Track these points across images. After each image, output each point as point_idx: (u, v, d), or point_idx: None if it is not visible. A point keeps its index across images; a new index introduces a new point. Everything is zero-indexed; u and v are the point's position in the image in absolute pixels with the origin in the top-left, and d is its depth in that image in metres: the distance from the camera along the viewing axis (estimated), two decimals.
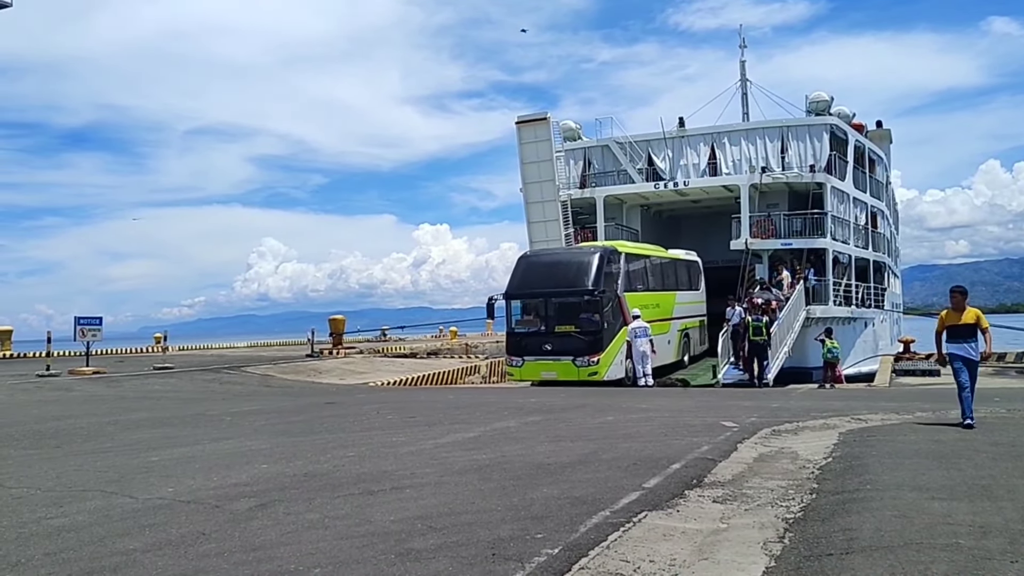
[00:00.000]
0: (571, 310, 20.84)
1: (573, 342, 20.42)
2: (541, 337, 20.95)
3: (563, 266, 21.75)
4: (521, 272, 22.19)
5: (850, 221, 31.70)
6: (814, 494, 6.48)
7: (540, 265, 22.27)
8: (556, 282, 21.18)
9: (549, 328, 20.94)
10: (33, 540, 5.28)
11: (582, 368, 20.18)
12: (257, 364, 25.20)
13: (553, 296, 21.20)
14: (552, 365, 20.62)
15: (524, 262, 22.56)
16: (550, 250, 23.78)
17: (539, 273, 21.77)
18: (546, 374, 20.76)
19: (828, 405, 13.85)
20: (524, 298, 21.84)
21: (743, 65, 37.12)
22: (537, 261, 22.69)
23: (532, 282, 21.62)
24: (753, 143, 31.64)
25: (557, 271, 21.56)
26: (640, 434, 10.20)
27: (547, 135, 30.47)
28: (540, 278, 21.54)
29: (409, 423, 11.89)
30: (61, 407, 14.85)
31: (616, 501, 6.13)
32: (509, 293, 21.87)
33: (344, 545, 5.04)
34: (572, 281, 20.91)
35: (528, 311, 21.80)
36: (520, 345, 21.46)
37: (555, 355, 20.56)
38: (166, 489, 6.90)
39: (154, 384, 19.89)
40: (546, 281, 21.34)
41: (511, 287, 21.97)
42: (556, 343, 20.61)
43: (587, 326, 20.47)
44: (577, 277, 20.86)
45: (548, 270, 21.77)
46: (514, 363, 21.49)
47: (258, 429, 11.46)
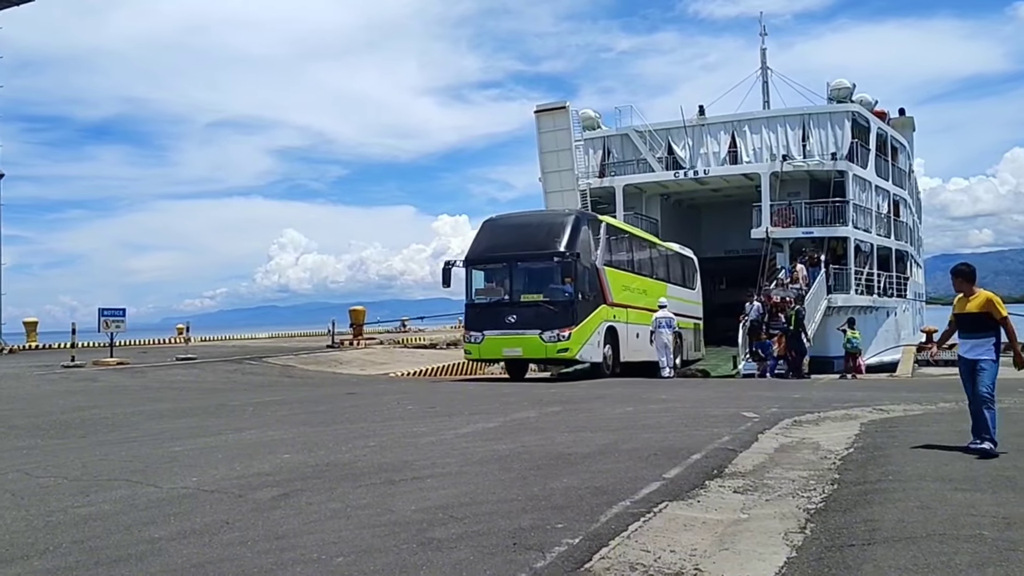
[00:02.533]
0: (540, 277, 18.73)
1: (541, 313, 18.15)
2: (504, 308, 18.61)
3: (532, 228, 19.49)
4: (485, 236, 19.90)
5: (872, 209, 31.46)
6: (836, 485, 6.46)
7: (506, 228, 20.02)
8: (523, 245, 18.91)
9: (514, 298, 18.66)
10: (61, 528, 5.36)
11: (550, 344, 17.92)
12: (278, 355, 25.37)
13: (519, 260, 18.80)
14: (516, 340, 18.34)
15: (489, 225, 20.28)
16: (519, 213, 21.49)
17: (505, 237, 19.51)
18: (509, 351, 18.63)
19: (850, 396, 13.78)
20: (487, 263, 19.47)
21: (763, 53, 36.89)
22: (503, 224, 20.41)
23: (496, 246, 19.28)
24: (774, 131, 31.43)
25: (525, 234, 19.30)
26: (660, 424, 10.19)
27: (566, 124, 30.41)
28: (506, 242, 19.22)
29: (429, 413, 11.94)
30: (86, 397, 15.04)
31: (636, 491, 6.14)
32: (470, 259, 19.55)
33: (366, 534, 5.08)
34: (542, 244, 18.67)
35: (491, 279, 19.54)
36: (480, 318, 19.09)
37: (520, 328, 18.24)
38: (190, 478, 6.98)
39: (177, 375, 20.08)
40: (512, 245, 19.05)
41: (472, 252, 19.63)
42: (521, 315, 18.33)
43: (557, 295, 18.24)
44: (548, 240, 18.64)
45: (515, 233, 19.55)
46: (472, 339, 19.04)
47: (280, 419, 11.56)
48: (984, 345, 7.44)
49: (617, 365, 19.87)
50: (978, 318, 7.45)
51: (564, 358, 18.26)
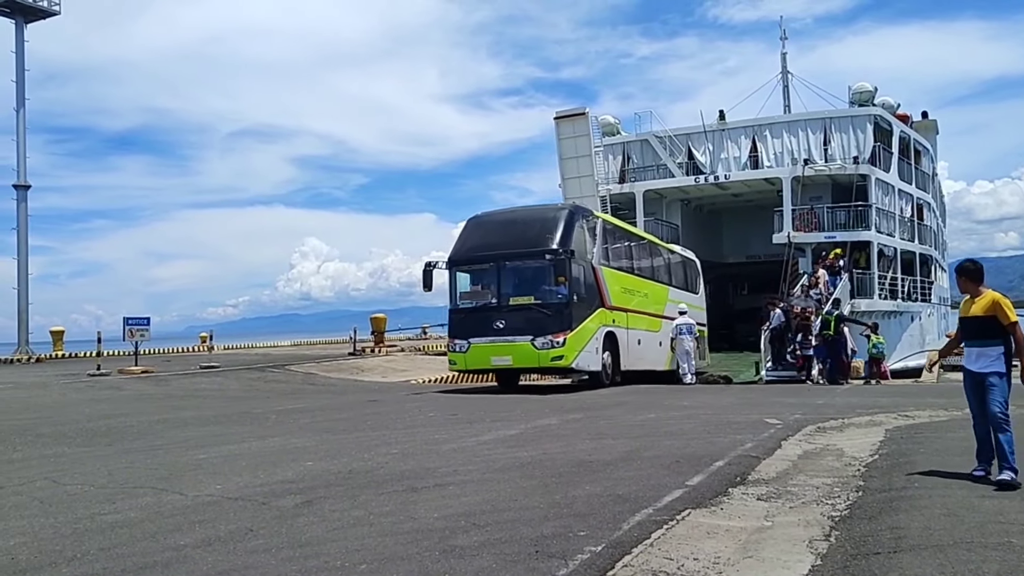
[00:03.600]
0: (530, 277, 17.14)
1: (532, 318, 16.53)
2: (492, 313, 16.95)
3: (522, 225, 17.75)
4: (469, 234, 18.21)
5: (895, 213, 31.23)
6: (860, 492, 6.40)
7: (493, 225, 18.34)
8: (512, 243, 17.22)
9: (502, 301, 16.98)
10: (88, 535, 5.42)
11: (543, 351, 16.31)
12: (300, 363, 25.52)
13: (508, 259, 17.13)
14: (505, 348, 16.65)
15: (474, 222, 18.56)
16: (508, 209, 19.69)
17: (492, 234, 17.83)
18: (497, 360, 16.92)
19: (874, 401, 13.65)
20: (472, 264, 17.80)
21: (784, 57, 36.78)
22: (490, 220, 18.67)
23: (482, 245, 17.62)
24: (795, 135, 31.28)
25: (514, 231, 17.59)
26: (682, 431, 10.15)
27: (586, 130, 30.45)
28: (493, 240, 17.55)
29: (451, 420, 11.96)
30: (112, 405, 15.19)
31: (659, 499, 6.11)
32: (453, 259, 17.84)
33: (389, 542, 5.10)
34: (532, 241, 16.97)
35: (477, 281, 17.89)
36: (465, 324, 17.38)
37: (509, 335, 16.59)
38: (214, 486, 7.03)
39: (201, 383, 20.24)
40: (500, 243, 17.36)
41: (456, 252, 17.96)
42: (511, 320, 16.69)
43: (550, 298, 16.64)
44: (539, 236, 16.95)
45: (503, 230, 17.86)
46: (457, 347, 17.39)
47: (303, 427, 11.62)
48: (990, 355, 6.39)
49: (617, 374, 18.49)
50: (983, 323, 6.41)
51: (559, 367, 16.79)
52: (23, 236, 33.27)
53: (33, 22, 34.12)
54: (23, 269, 33.14)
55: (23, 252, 33.22)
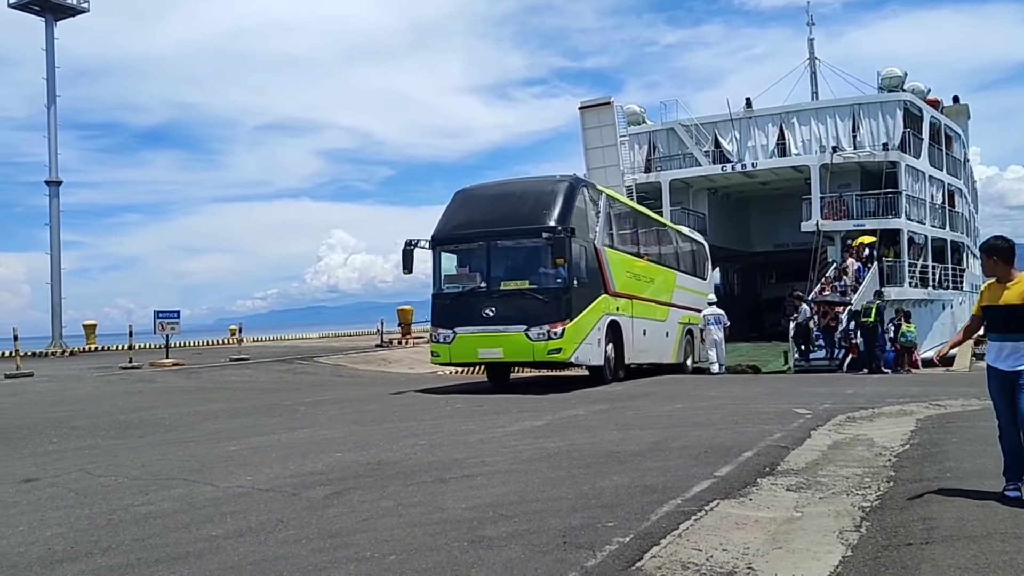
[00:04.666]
0: (525, 258, 15.22)
1: (526, 305, 14.62)
2: (481, 299, 15.02)
3: (515, 199, 15.75)
4: (456, 209, 16.27)
5: (926, 200, 30.83)
6: (891, 482, 6.34)
7: (483, 199, 16.42)
8: (504, 219, 15.30)
9: (493, 286, 15.03)
10: (122, 526, 5.50)
11: (539, 343, 14.40)
12: (328, 354, 25.70)
13: (499, 238, 15.19)
14: (495, 339, 14.73)
15: (461, 196, 16.61)
16: (500, 181, 17.40)
17: (481, 210, 15.94)
18: (486, 353, 14.99)
19: (905, 391, 13.51)
20: (458, 243, 15.79)
21: (811, 43, 36.31)
22: (479, 194, 16.73)
23: (470, 222, 15.71)
24: (823, 122, 30.93)
25: (507, 206, 15.67)
26: (710, 422, 10.11)
27: (611, 120, 30.33)
28: (482, 216, 15.65)
29: (478, 411, 11.99)
30: (144, 398, 15.40)
31: (687, 489, 6.10)
32: (437, 237, 15.82)
33: (418, 532, 5.13)
34: (527, 217, 15.09)
35: (464, 263, 15.85)
36: (450, 311, 15.37)
37: (500, 324, 14.66)
38: (245, 477, 7.11)
39: (231, 375, 20.45)
40: (490, 219, 15.45)
41: (440, 229, 15.94)
42: (502, 307, 14.75)
43: (547, 282, 14.74)
44: (534, 212, 15.08)
45: (494, 205, 15.98)
46: (440, 338, 15.38)
47: (331, 418, 11.71)
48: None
49: (621, 368, 16.83)
50: (1018, 313, 5.26)
51: (556, 360, 14.86)
52: (55, 231, 33.73)
53: (62, 19, 34.50)
54: (56, 264, 33.61)
55: (56, 247, 33.68)
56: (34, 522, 5.68)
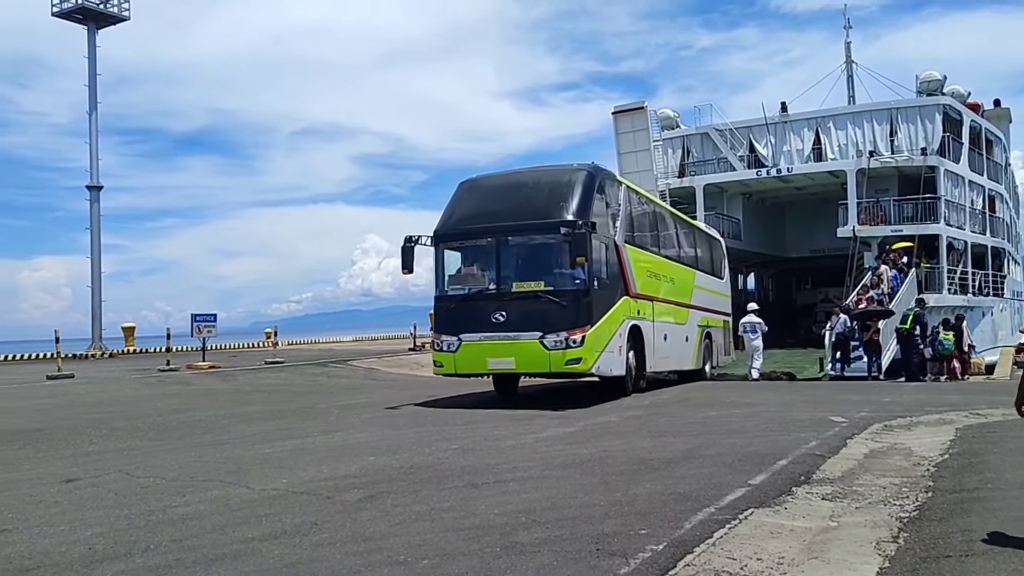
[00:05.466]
0: (540, 257, 13.67)
1: (541, 308, 13.03)
2: (490, 302, 13.40)
3: (529, 189, 14.14)
4: (462, 201, 14.63)
5: (966, 205, 30.30)
6: (930, 492, 6.25)
7: (492, 189, 14.78)
8: (516, 213, 13.73)
9: (503, 287, 13.44)
10: (160, 527, 5.59)
11: (556, 352, 12.85)
12: (362, 358, 25.87)
13: (510, 233, 13.60)
14: (506, 347, 13.11)
15: (467, 187, 14.93)
16: (511, 171, 15.96)
17: (490, 201, 14.34)
18: (496, 363, 13.37)
19: (943, 399, 13.30)
20: (464, 239, 14.19)
21: (848, 47, 35.76)
22: (488, 184, 15.09)
23: (478, 214, 14.13)
24: (860, 127, 30.52)
25: (519, 197, 14.04)
26: (745, 429, 10.02)
27: (644, 124, 30.17)
28: (491, 208, 14.11)
29: (509, 417, 12.00)
30: (181, 400, 15.63)
31: (721, 498, 6.06)
32: (440, 233, 14.23)
33: (451, 537, 5.15)
34: (542, 210, 13.48)
35: (471, 261, 14.26)
36: (455, 316, 13.80)
37: (511, 330, 13.09)
38: (280, 480, 7.19)
39: (266, 378, 20.67)
40: (500, 212, 13.90)
41: (444, 223, 14.36)
42: (514, 311, 13.15)
43: (565, 283, 13.18)
44: (551, 204, 13.49)
45: (504, 196, 14.31)
46: (444, 346, 13.73)
47: (365, 421, 11.80)
48: None
49: (642, 377, 15.49)
50: None
51: (575, 371, 13.25)
52: (96, 235, 34.35)
53: (104, 28, 35.17)
54: (96, 267, 34.23)
55: (96, 251, 34.30)
56: (75, 521, 5.79)
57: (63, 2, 34.07)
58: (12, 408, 14.52)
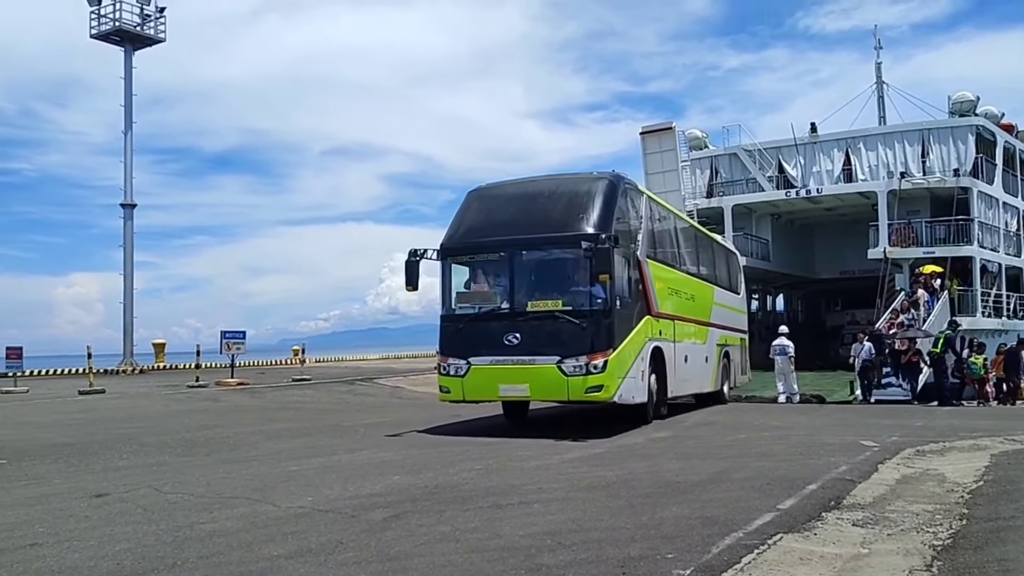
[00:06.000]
0: (558, 273, 12.68)
1: (559, 330, 12.02)
2: (502, 322, 12.39)
3: (545, 199, 13.06)
4: (470, 212, 13.55)
5: (999, 227, 29.89)
6: (964, 520, 6.12)
7: (505, 199, 13.59)
8: (532, 224, 12.71)
9: (517, 306, 12.42)
10: (187, 543, 5.62)
11: (575, 377, 11.80)
12: (388, 376, 25.94)
13: (526, 247, 12.61)
14: (520, 372, 12.08)
15: (477, 196, 13.84)
16: (524, 179, 14.53)
17: (503, 211, 13.24)
18: (509, 389, 12.34)
19: (978, 424, 13.07)
20: (474, 253, 13.15)
21: (879, 67, 35.54)
22: (501, 193, 13.86)
23: (488, 227, 13.07)
24: (891, 147, 30.31)
25: (535, 208, 12.99)
26: (774, 453, 9.91)
27: (672, 145, 30.18)
28: (504, 219, 13.04)
29: (534, 438, 11.94)
30: (209, 417, 15.74)
31: (749, 522, 5.98)
32: (448, 246, 13.15)
33: (475, 558, 5.13)
34: (560, 221, 12.53)
35: (481, 277, 13.24)
36: (463, 337, 12.70)
37: (526, 353, 12.06)
38: (306, 498, 7.21)
39: (293, 395, 20.79)
40: (514, 223, 12.86)
41: (452, 236, 13.25)
42: (529, 333, 12.13)
43: (585, 301, 12.13)
44: (569, 215, 12.55)
45: (519, 206, 13.20)
46: (451, 370, 12.65)
47: (390, 440, 11.80)
48: None
49: (663, 404, 14.35)
50: None
51: (596, 400, 12.10)
52: (129, 252, 34.81)
53: (140, 49, 35.80)
54: (128, 284, 34.66)
55: (128, 268, 34.75)
56: (104, 537, 5.84)
57: (101, 24, 34.75)
58: (44, 422, 14.71)
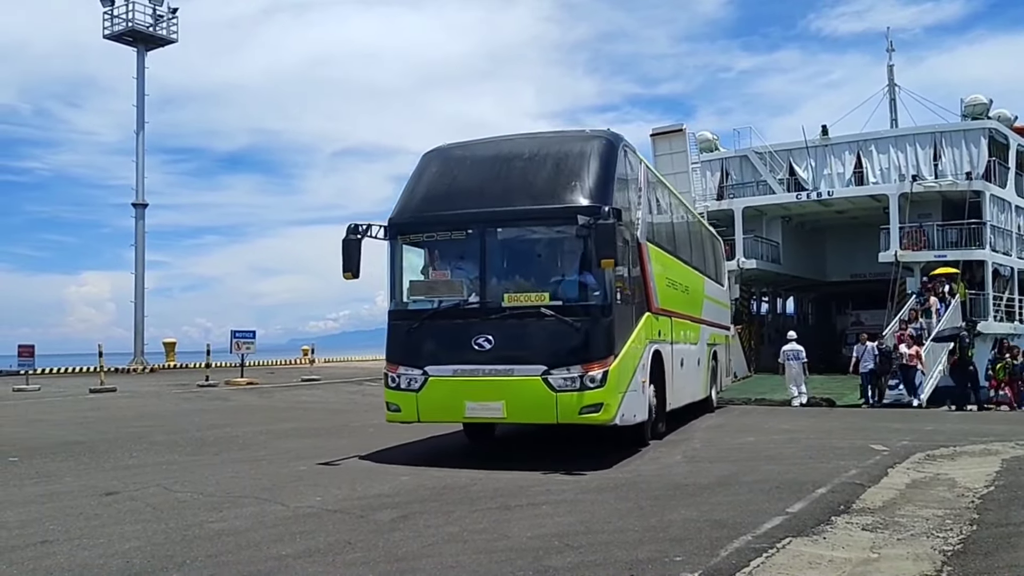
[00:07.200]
0: (543, 257, 9.98)
1: (545, 332, 9.19)
2: (469, 320, 9.48)
3: (525, 163, 10.05)
4: (428, 177, 10.44)
5: (1012, 231, 29.70)
6: (975, 525, 6.08)
7: (473, 163, 10.45)
8: (508, 194, 9.77)
9: (489, 299, 9.46)
10: (196, 542, 5.64)
11: (565, 393, 8.93)
12: None
13: (501, 222, 9.70)
14: (493, 386, 9.19)
15: (437, 158, 10.68)
16: (495, 138, 11.21)
17: (469, 178, 10.20)
18: (477, 408, 9.36)
19: (989, 429, 12.99)
20: (432, 230, 10.05)
21: (891, 69, 35.32)
22: (466, 156, 10.65)
23: (452, 196, 10.04)
24: (903, 150, 30.13)
25: (511, 173, 10.02)
26: (783, 456, 9.88)
27: (683, 147, 30.07)
28: (471, 188, 10.03)
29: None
30: (219, 416, 15.79)
31: (758, 525, 5.96)
32: (398, 220, 10.13)
33: (483, 559, 5.13)
34: (547, 189, 9.67)
35: (441, 262, 10.32)
36: (418, 341, 9.71)
37: (501, 362, 9.18)
38: (314, 498, 7.22)
39: (302, 395, 20.84)
40: (484, 193, 9.88)
41: (403, 208, 10.23)
42: (504, 334, 9.24)
43: (578, 294, 9.42)
44: (558, 182, 9.68)
45: (490, 172, 10.17)
46: (401, 382, 9.71)
47: (398, 440, 11.79)
48: None
49: (662, 419, 11.73)
50: None
51: (593, 422, 9.12)
52: (140, 252, 34.98)
53: (152, 50, 35.99)
54: (140, 283, 34.82)
55: (140, 267, 34.92)
56: (114, 535, 5.87)
57: (114, 25, 34.95)
58: (56, 420, 14.79)
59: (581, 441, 10.76)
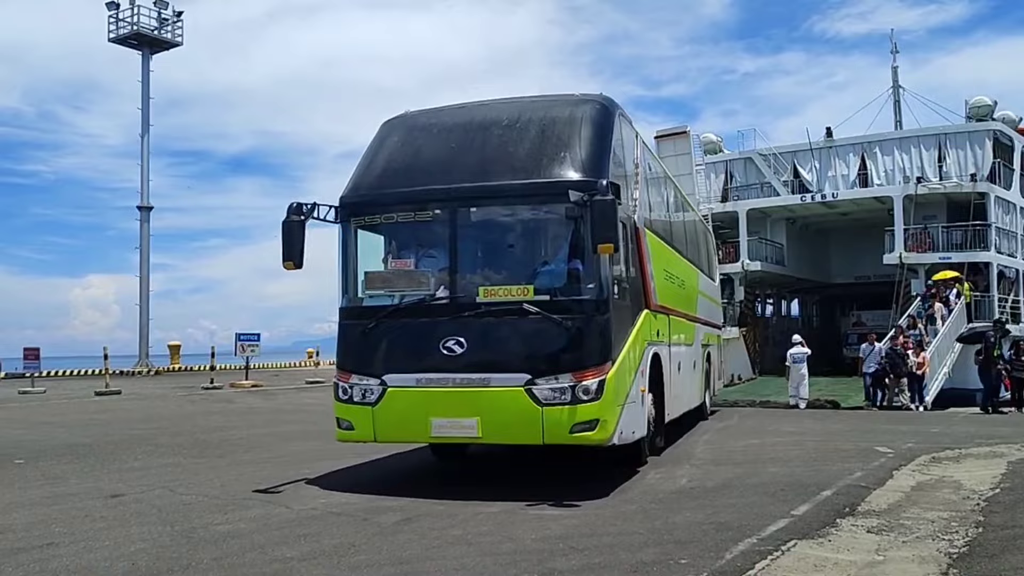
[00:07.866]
0: (524, 243, 8.47)
1: (528, 332, 7.72)
2: (436, 319, 7.94)
3: (503, 131, 8.57)
4: (389, 150, 8.91)
5: (1017, 233, 29.66)
6: (980, 528, 6.07)
7: (441, 132, 8.89)
8: (483, 167, 8.29)
9: (461, 294, 7.94)
10: (202, 545, 5.65)
11: (553, 407, 7.43)
12: None
13: (474, 202, 8.18)
14: (465, 399, 7.65)
15: (400, 127, 9.13)
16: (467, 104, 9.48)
17: (436, 149, 8.72)
18: (445, 426, 7.73)
19: (995, 431, 12.97)
20: (391, 210, 8.48)
21: (895, 71, 35.37)
22: (433, 123, 9.02)
23: (415, 171, 8.53)
24: (907, 152, 30.13)
25: (486, 144, 8.53)
26: (788, 458, 9.86)
27: (687, 149, 30.05)
28: (438, 161, 8.54)
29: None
30: (223, 418, 15.82)
31: (763, 528, 5.95)
32: (351, 200, 8.51)
33: (487, 562, 5.13)
34: (528, 164, 8.18)
35: (402, 250, 8.76)
36: (375, 344, 8.14)
37: (475, 369, 7.69)
38: (318, 500, 7.23)
39: (306, 398, 20.85)
40: (454, 166, 8.40)
41: (358, 184, 8.65)
42: (479, 336, 7.76)
43: (567, 286, 7.84)
44: (543, 153, 8.22)
45: (461, 142, 8.66)
46: (355, 394, 8.05)
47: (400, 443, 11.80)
48: None
49: (660, 432, 10.20)
50: None
51: (587, 443, 7.60)
52: (145, 255, 35.14)
53: (158, 53, 36.18)
54: (144, 286, 34.98)
55: (145, 269, 35.07)
56: (120, 537, 5.88)
57: (119, 28, 35.11)
58: (62, 423, 14.83)
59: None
